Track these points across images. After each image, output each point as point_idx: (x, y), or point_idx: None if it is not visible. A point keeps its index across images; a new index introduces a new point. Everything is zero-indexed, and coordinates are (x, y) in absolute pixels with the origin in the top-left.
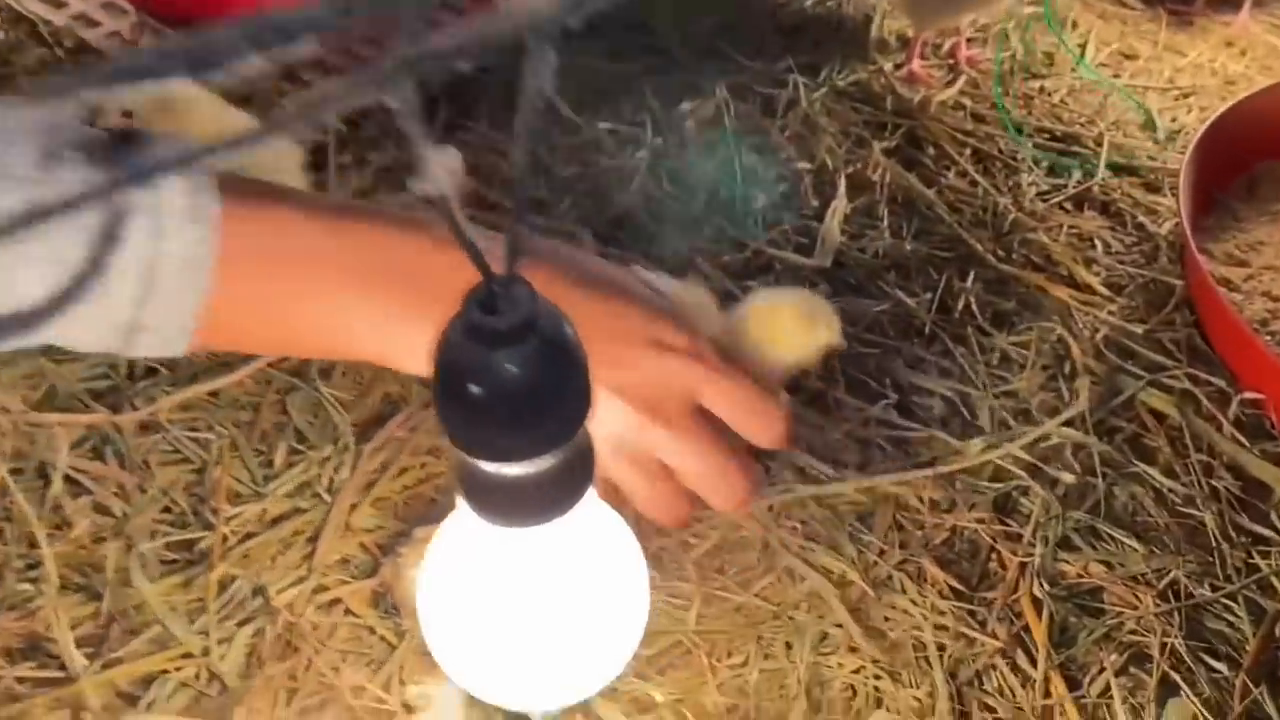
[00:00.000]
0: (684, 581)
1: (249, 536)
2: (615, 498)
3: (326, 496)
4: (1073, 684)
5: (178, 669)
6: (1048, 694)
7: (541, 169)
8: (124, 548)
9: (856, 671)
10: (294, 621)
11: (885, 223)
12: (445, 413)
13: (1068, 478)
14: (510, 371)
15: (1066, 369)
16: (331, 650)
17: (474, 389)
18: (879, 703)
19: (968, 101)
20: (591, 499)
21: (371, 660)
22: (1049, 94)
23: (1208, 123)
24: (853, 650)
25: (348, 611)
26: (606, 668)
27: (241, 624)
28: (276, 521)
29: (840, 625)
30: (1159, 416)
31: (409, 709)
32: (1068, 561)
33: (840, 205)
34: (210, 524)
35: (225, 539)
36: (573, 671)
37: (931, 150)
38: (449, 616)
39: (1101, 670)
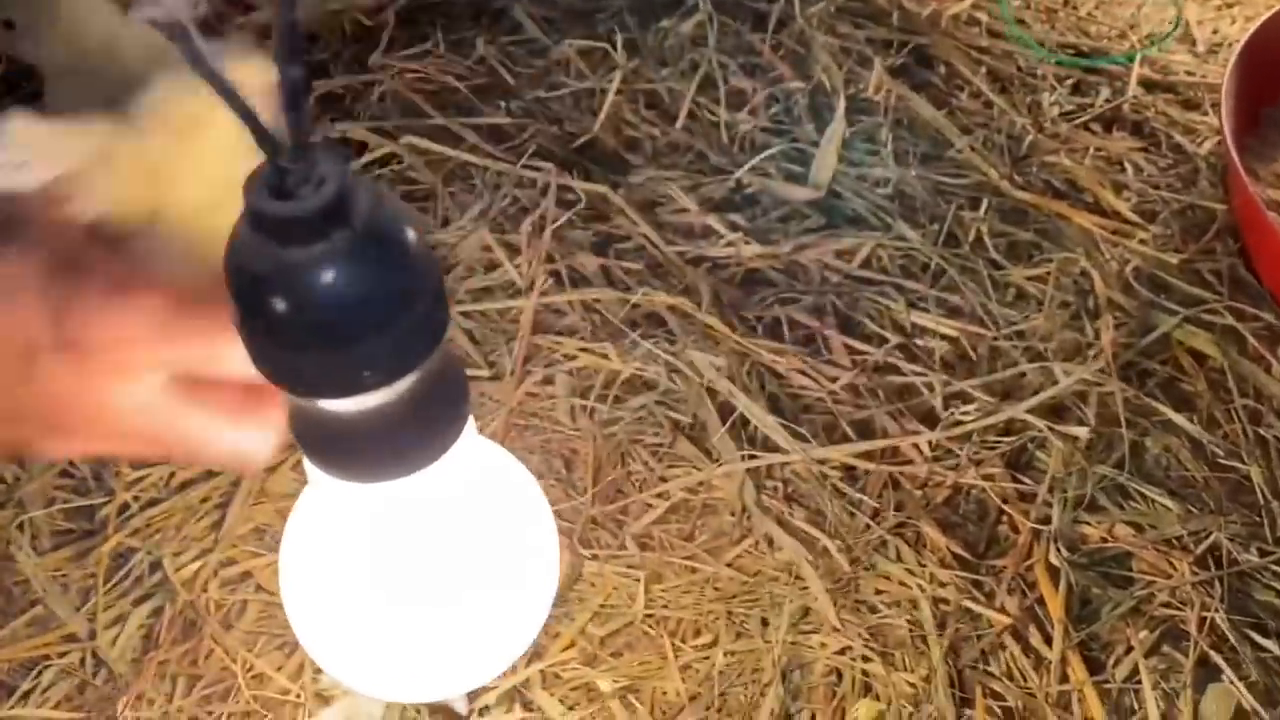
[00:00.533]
0: (644, 550)
1: (152, 503)
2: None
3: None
4: (1094, 666)
5: (61, 654)
6: (1065, 678)
7: (501, 93)
8: (12, 516)
9: (841, 653)
10: (194, 599)
11: (889, 148)
12: (246, 335)
13: (1088, 430)
14: (318, 274)
15: (1090, 305)
16: (239, 631)
17: (275, 302)
18: (867, 689)
19: (983, 16)
20: (472, 440)
21: (285, 643)
22: (1075, 6)
23: (1251, 31)
24: (838, 629)
25: (259, 588)
26: (507, 647)
27: (137, 602)
28: (185, 487)
29: (819, 600)
30: (1197, 357)
31: (322, 698)
32: (1090, 524)
33: (838, 129)
34: (112, 490)
35: (125, 506)
36: (467, 654)
37: (942, 69)
38: (315, 601)
39: (1128, 650)
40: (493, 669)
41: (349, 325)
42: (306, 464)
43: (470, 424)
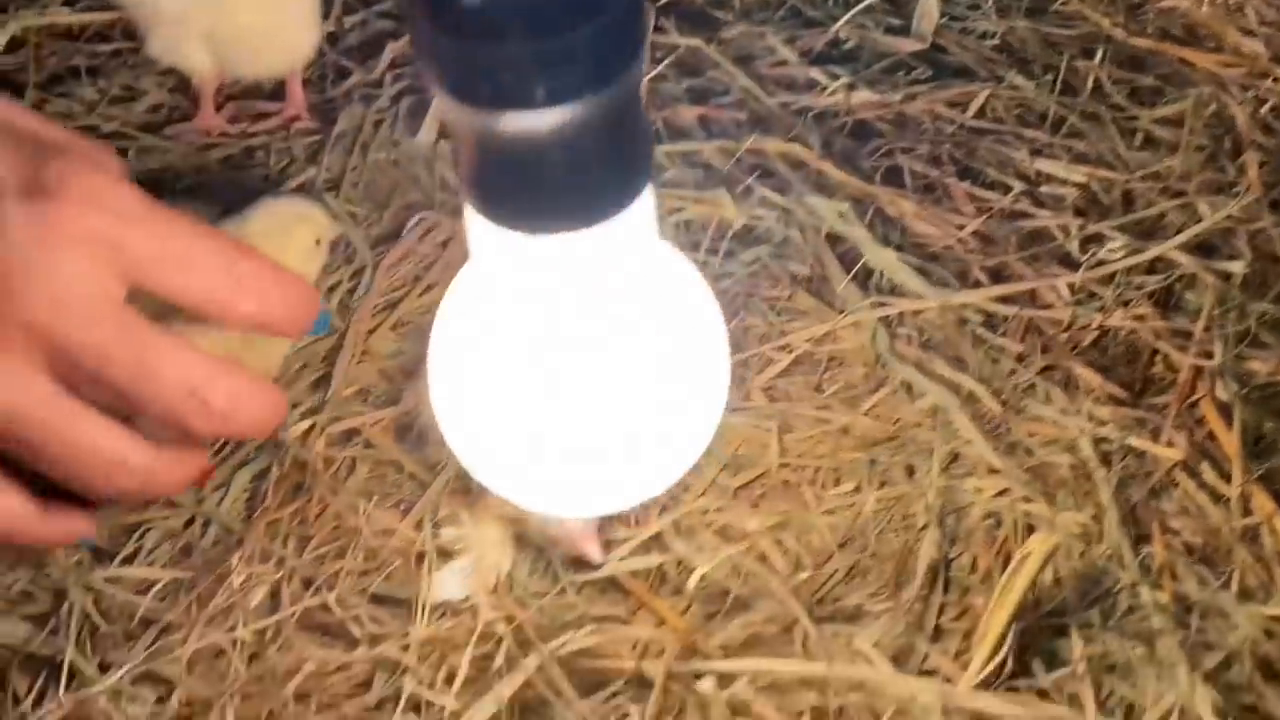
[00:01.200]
0: (773, 401)
1: None
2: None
3: (339, 320)
4: (1278, 498)
5: (164, 519)
6: (1248, 511)
7: None
8: None
9: (1000, 495)
10: (305, 459)
11: (990, 1)
12: (434, 38)
13: (1243, 264)
14: None
15: (1228, 145)
16: (350, 491)
17: None
18: (1030, 530)
19: None
20: (649, 223)
21: (399, 500)
22: None
23: None
24: (993, 471)
25: (368, 445)
26: (676, 457)
27: (240, 466)
28: None
29: (972, 443)
30: None
31: (444, 554)
32: (1256, 359)
33: None
34: None
35: None
36: (631, 459)
37: None
38: (468, 393)
39: None
40: (657, 481)
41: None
42: (469, 231)
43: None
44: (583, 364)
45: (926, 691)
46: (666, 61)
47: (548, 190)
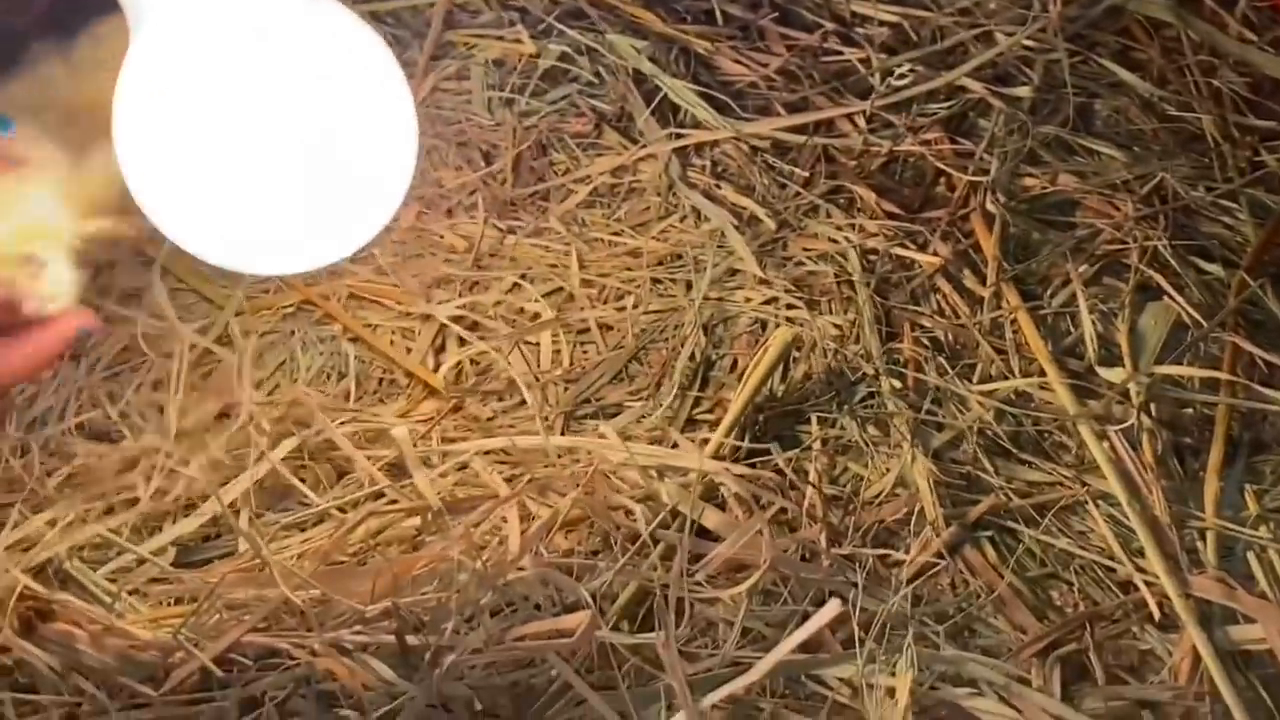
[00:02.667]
0: (566, 226)
1: None
2: None
3: None
4: (1029, 298)
5: None
6: (999, 307)
7: None
8: None
9: (767, 304)
10: None
11: None
12: None
13: (1031, 89)
14: None
15: None
16: None
17: None
18: None
19: None
20: None
21: None
22: None
23: None
24: (762, 283)
25: None
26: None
27: None
28: None
29: (744, 259)
30: (1152, 26)
31: None
32: (1032, 174)
33: None
34: None
35: None
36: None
37: None
38: (155, 160)
39: (1066, 283)
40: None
41: None
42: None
43: None
44: (256, 115)
45: (649, 457)
46: None
47: None
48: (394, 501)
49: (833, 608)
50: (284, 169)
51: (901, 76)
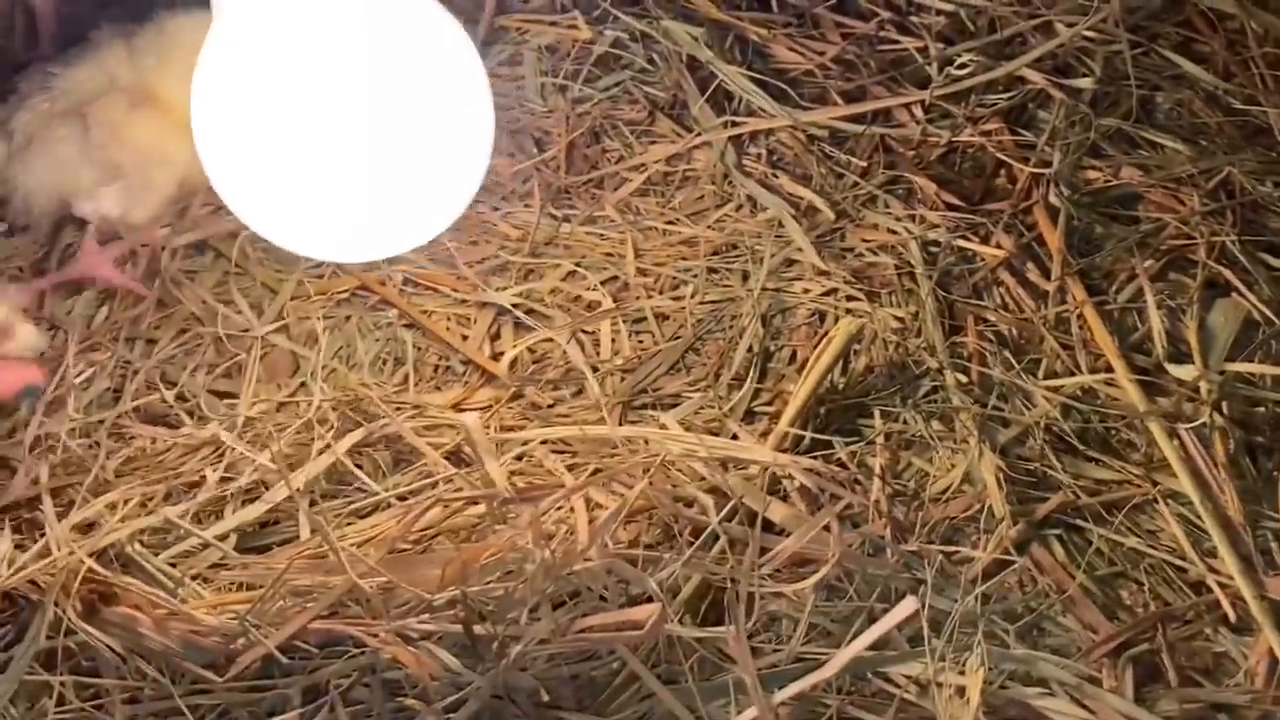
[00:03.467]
0: (621, 213)
1: None
2: None
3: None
4: (1095, 292)
5: None
6: (1064, 302)
7: None
8: None
9: (826, 295)
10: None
11: None
12: None
13: (1093, 81)
14: None
15: None
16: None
17: None
18: None
19: None
20: None
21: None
22: None
23: None
24: (821, 274)
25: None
26: (440, 200)
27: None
28: None
29: (803, 250)
30: (1216, 17)
31: None
32: (1095, 168)
33: None
34: None
35: None
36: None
37: None
38: (235, 146)
39: (1132, 278)
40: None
41: None
42: None
43: None
44: (339, 104)
45: (712, 449)
46: None
47: None
48: (458, 489)
49: (908, 605)
50: (363, 156)
51: (962, 66)
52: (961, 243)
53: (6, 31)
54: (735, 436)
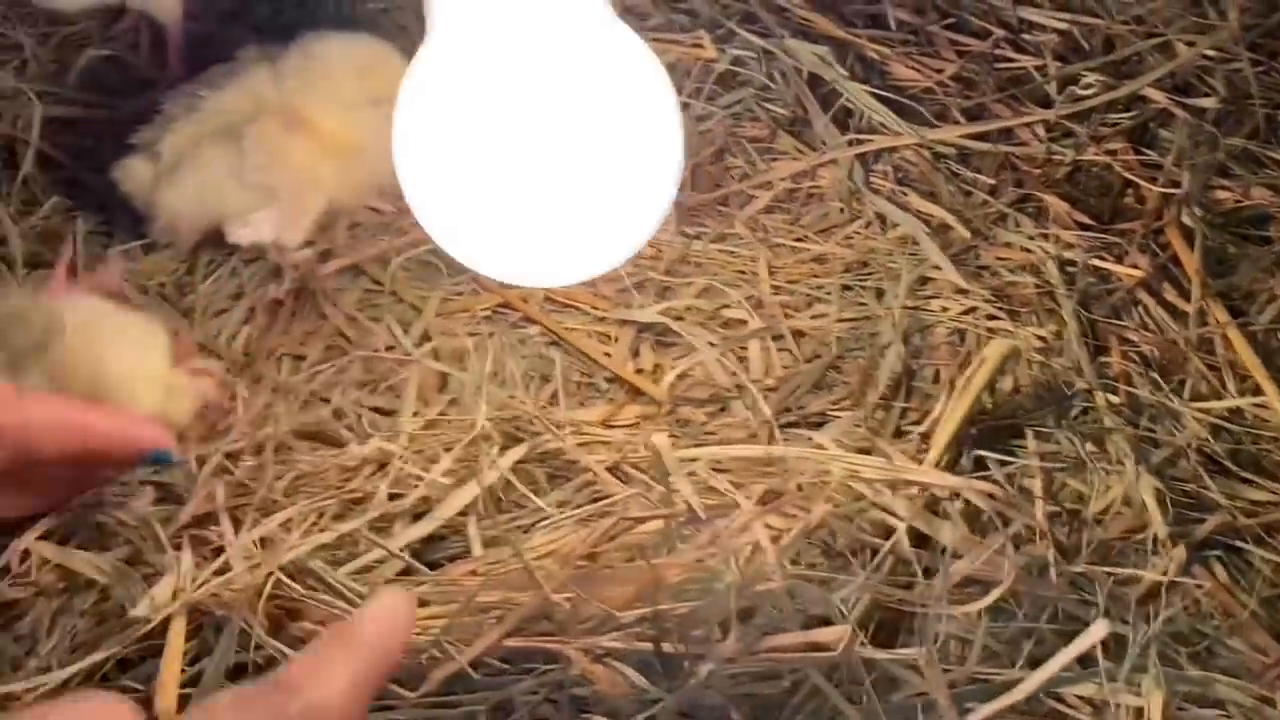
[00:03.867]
0: (750, 231)
1: None
2: None
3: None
4: (1236, 313)
5: None
6: (1203, 324)
7: None
8: None
9: (966, 314)
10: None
11: None
12: None
13: (1216, 100)
14: None
15: None
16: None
17: None
18: None
19: None
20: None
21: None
22: None
23: None
24: (960, 292)
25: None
26: (631, 224)
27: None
28: None
29: (940, 268)
30: None
31: None
32: (1225, 187)
33: None
34: None
35: None
36: (589, 226)
37: None
38: (434, 166)
39: (1272, 299)
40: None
41: None
42: (428, 5)
43: None
44: (535, 132)
45: (879, 470)
46: None
47: None
48: (628, 507)
49: (1100, 629)
50: (561, 184)
51: (1087, 86)
52: (1097, 262)
53: (132, 48)
54: (888, 456)
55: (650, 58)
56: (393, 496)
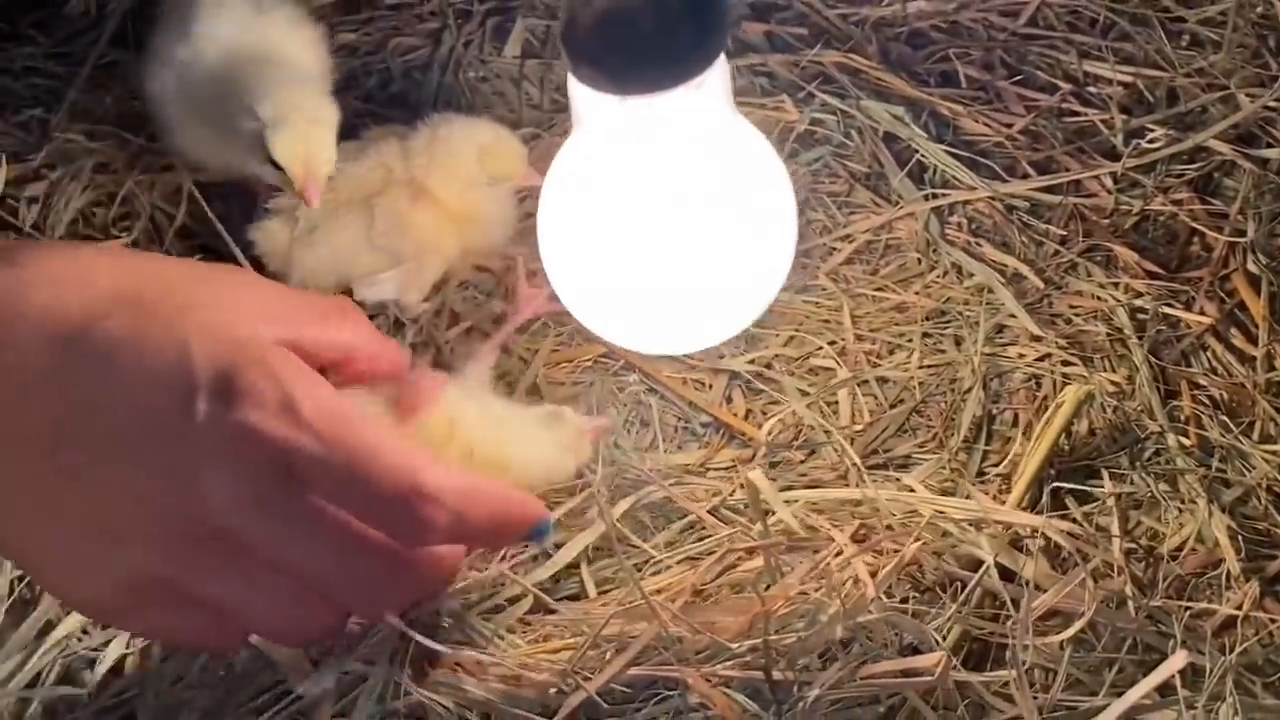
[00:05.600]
0: (833, 282)
1: None
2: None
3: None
4: None
5: None
6: (1271, 369)
7: None
8: None
9: (1041, 360)
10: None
11: None
12: None
13: (1278, 153)
14: None
15: (1272, 43)
16: None
17: None
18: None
19: None
20: (725, 91)
21: None
22: None
23: None
24: (1035, 339)
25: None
26: (756, 293)
27: None
28: None
29: (1015, 315)
30: None
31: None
32: None
33: None
34: None
35: None
36: (715, 299)
37: None
38: (571, 244)
39: None
40: (732, 324)
41: None
42: (573, 103)
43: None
44: (669, 216)
45: (964, 510)
46: None
47: (635, 54)
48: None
49: (1179, 659)
50: (688, 262)
51: (1153, 139)
52: (1166, 309)
53: None
54: (969, 496)
55: (769, 149)
56: None
